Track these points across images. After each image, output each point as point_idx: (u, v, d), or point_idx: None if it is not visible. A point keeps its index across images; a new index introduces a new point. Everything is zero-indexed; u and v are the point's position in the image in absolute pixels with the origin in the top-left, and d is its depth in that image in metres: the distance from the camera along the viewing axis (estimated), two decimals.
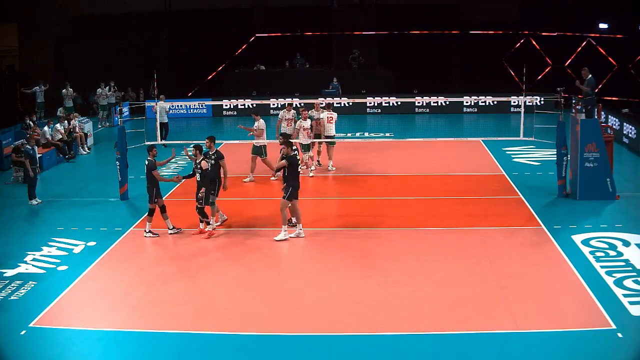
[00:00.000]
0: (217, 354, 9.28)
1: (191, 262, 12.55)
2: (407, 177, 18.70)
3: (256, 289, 11.25)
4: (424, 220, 14.71)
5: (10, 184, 18.54)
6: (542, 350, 9.10)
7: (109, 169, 18.34)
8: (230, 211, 15.17)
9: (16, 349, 9.40)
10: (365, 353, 9.16)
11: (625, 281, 11.10)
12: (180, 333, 9.79)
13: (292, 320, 10.07)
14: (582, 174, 15.68)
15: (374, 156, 20.78)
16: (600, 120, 16.82)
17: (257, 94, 31.16)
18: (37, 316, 10.29)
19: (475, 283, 11.22)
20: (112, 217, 15.23)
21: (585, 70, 16.53)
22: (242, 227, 14.39)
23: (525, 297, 10.64)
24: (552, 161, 16.68)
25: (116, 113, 26.56)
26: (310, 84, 30.39)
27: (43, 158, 20.33)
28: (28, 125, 22.30)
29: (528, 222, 14.38)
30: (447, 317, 10.04)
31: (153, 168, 13.73)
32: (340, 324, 9.90)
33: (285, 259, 12.75)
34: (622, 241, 12.96)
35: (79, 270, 12.10)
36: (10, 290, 11.32)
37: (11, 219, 15.62)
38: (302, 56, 33.47)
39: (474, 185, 17.54)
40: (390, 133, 24.86)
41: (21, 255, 12.82)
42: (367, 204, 16.03)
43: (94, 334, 9.80)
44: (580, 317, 9.98)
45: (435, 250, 12.82)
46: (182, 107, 30.64)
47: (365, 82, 31.68)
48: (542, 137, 18.16)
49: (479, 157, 20.67)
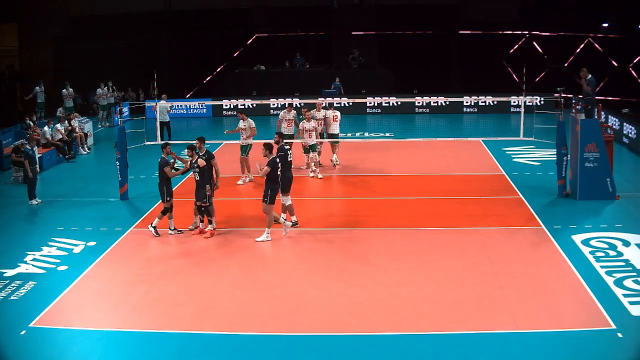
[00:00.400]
0: (217, 354, 9.28)
1: (191, 262, 12.55)
2: (407, 177, 18.70)
3: (256, 289, 11.25)
4: (424, 220, 14.71)
5: (10, 184, 18.55)
6: (542, 350, 9.10)
7: (109, 169, 18.34)
8: (230, 211, 15.18)
9: (16, 349, 9.40)
10: (365, 353, 9.16)
11: (625, 281, 11.10)
12: (180, 333, 9.79)
13: (292, 320, 10.07)
14: (582, 174, 15.68)
15: (374, 156, 20.77)
16: (600, 120, 16.80)
17: (257, 94, 31.17)
18: (37, 316, 10.29)
19: (475, 283, 11.23)
20: (112, 217, 15.23)
21: (584, 70, 16.49)
22: (242, 227, 14.39)
23: (525, 297, 10.64)
24: (552, 161, 16.68)
25: (116, 113, 26.57)
26: (310, 84, 30.39)
27: (43, 158, 20.34)
28: (28, 125, 22.29)
29: (528, 222, 14.38)
30: (447, 317, 10.04)
31: (165, 164, 13.77)
32: (340, 324, 9.90)
33: (285, 259, 12.74)
34: (622, 241, 12.96)
35: (79, 270, 12.10)
36: (10, 290, 11.32)
37: (11, 219, 15.62)
38: (302, 56, 33.48)
39: (474, 185, 17.54)
40: (390, 133, 24.86)
41: (21, 255, 12.82)
42: (367, 204, 16.03)
43: (94, 334, 9.80)
44: (580, 317, 9.98)
45: (435, 250, 12.82)
46: (182, 107, 30.64)
47: (365, 82, 31.69)
48: (542, 137, 18.16)
49: (479, 157, 20.67)
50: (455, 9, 34.18)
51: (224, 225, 14.30)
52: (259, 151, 13.88)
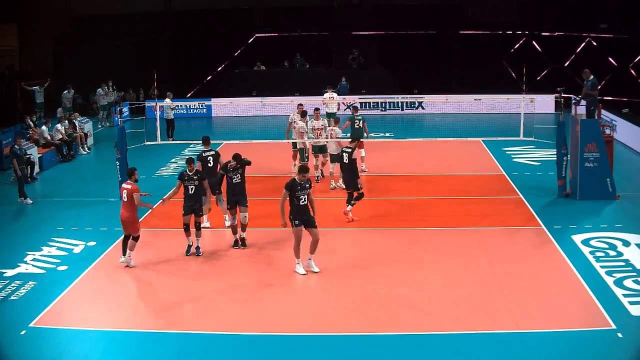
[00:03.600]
0: (217, 354, 9.28)
1: (191, 262, 12.55)
2: (407, 177, 18.69)
3: (256, 289, 11.25)
4: (424, 220, 14.71)
5: (10, 184, 18.52)
6: (542, 350, 9.10)
7: (109, 169, 18.34)
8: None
9: (16, 349, 9.41)
10: (365, 353, 9.17)
11: (625, 281, 11.10)
12: (180, 333, 9.79)
13: (292, 320, 10.07)
14: (582, 174, 15.67)
15: (374, 156, 20.72)
16: (600, 120, 16.79)
17: (257, 94, 31.17)
18: (37, 316, 10.30)
19: (475, 283, 11.23)
20: (112, 217, 15.17)
21: (586, 72, 16.41)
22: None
23: (525, 297, 10.64)
24: (552, 161, 16.68)
25: (116, 113, 26.60)
26: (310, 84, 30.36)
27: (43, 158, 20.34)
28: (28, 125, 22.30)
29: (528, 222, 14.38)
30: (447, 317, 10.04)
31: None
32: (340, 324, 9.90)
33: (285, 259, 12.72)
34: (622, 241, 12.97)
35: (79, 270, 12.10)
36: (10, 290, 11.32)
37: (11, 219, 15.63)
38: (302, 56, 33.48)
39: (474, 185, 17.54)
40: (390, 133, 24.85)
41: (21, 255, 12.83)
42: (366, 203, 16.01)
43: (94, 334, 9.80)
44: (580, 317, 9.98)
45: (435, 250, 12.81)
46: (182, 107, 30.64)
47: (365, 82, 31.68)
48: (542, 137, 18.17)
49: (479, 157, 20.67)
50: (455, 9, 34.17)
51: (223, 226, 14.29)
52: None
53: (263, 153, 19.72)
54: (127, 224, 12.14)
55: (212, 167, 13.87)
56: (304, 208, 11.64)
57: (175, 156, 21.41)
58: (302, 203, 11.61)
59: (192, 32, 34.10)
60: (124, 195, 12.13)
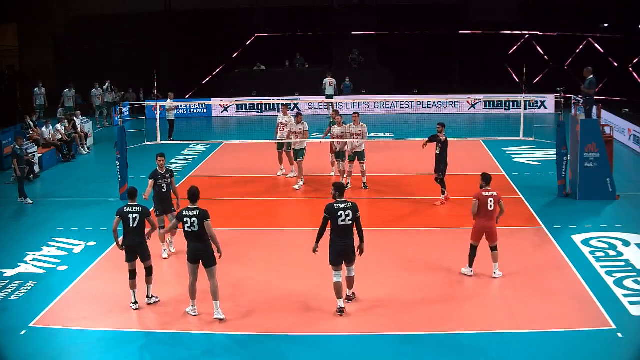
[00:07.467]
0: (217, 354, 9.28)
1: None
2: (407, 177, 18.69)
3: (256, 289, 11.25)
4: (424, 220, 14.71)
5: (11, 184, 18.52)
6: (542, 350, 9.10)
7: (109, 169, 18.34)
8: (230, 211, 15.16)
9: (16, 349, 9.41)
10: (365, 353, 9.17)
11: (625, 281, 11.10)
12: (181, 333, 9.79)
13: (292, 320, 10.07)
14: (582, 174, 15.67)
15: (374, 156, 20.68)
16: (600, 120, 16.80)
17: (257, 94, 31.17)
18: (37, 316, 10.30)
19: (475, 283, 11.23)
20: (112, 217, 15.04)
21: (587, 70, 16.35)
22: (241, 227, 14.40)
23: (525, 297, 10.64)
24: (552, 161, 16.68)
25: (116, 113, 26.60)
26: (310, 84, 30.39)
27: (43, 158, 20.34)
28: (28, 125, 22.30)
29: (528, 222, 14.38)
30: (447, 317, 10.04)
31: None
32: (340, 324, 9.90)
33: (285, 259, 12.73)
34: (622, 241, 12.97)
35: (79, 270, 12.10)
36: (10, 290, 11.32)
37: (11, 218, 15.63)
38: (302, 56, 33.48)
39: (474, 185, 17.45)
40: (390, 133, 24.84)
41: (21, 255, 12.82)
42: (366, 204, 16.02)
43: (94, 334, 9.80)
44: (580, 317, 9.98)
45: (435, 250, 12.81)
46: (182, 107, 30.66)
47: (365, 82, 31.67)
48: (542, 137, 18.15)
49: (479, 157, 20.66)
50: (455, 9, 34.18)
51: (223, 226, 14.27)
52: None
53: (263, 153, 19.74)
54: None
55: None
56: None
57: (176, 156, 21.41)
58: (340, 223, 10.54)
59: (192, 32, 34.11)
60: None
